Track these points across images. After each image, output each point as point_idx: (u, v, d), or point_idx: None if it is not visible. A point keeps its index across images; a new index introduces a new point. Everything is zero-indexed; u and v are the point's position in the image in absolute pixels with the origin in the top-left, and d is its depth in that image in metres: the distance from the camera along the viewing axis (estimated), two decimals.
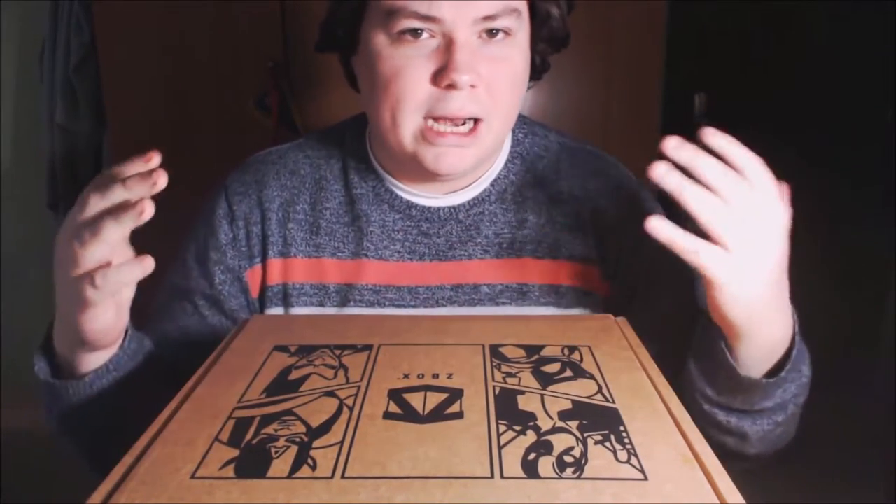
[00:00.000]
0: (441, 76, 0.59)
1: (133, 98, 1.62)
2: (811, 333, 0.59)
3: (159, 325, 0.72)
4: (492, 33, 0.61)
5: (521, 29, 0.63)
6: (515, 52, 0.63)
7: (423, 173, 0.65)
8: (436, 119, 0.61)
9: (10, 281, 2.21)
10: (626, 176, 0.74)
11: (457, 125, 0.62)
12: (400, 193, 0.69)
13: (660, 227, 0.50)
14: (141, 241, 0.51)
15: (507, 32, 0.62)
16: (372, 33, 0.62)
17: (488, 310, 0.69)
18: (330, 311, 0.69)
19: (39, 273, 2.21)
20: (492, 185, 0.70)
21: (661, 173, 0.49)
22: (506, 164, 0.71)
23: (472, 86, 0.60)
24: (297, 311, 0.69)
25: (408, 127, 0.62)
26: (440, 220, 0.69)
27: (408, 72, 0.60)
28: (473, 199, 0.70)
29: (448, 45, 0.59)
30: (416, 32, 0.60)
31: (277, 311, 0.70)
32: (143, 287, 0.52)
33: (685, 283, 0.72)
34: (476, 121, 0.62)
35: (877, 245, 2.09)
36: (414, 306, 0.69)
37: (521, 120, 0.74)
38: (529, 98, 1.43)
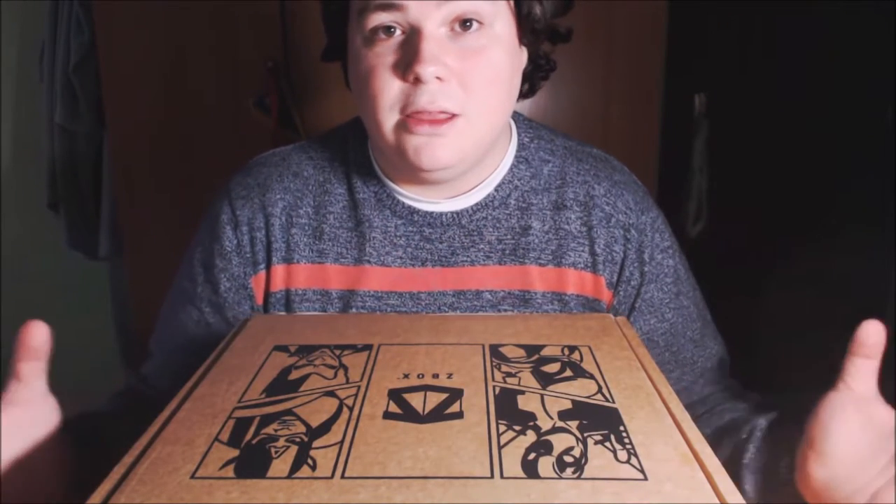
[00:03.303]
0: (408, 70, 0.58)
1: (133, 98, 1.62)
2: (812, 332, 0.59)
3: (166, 330, 0.71)
4: (465, 25, 0.59)
5: (500, 19, 0.60)
6: (492, 44, 0.60)
7: (412, 173, 0.64)
8: (412, 116, 0.59)
9: (10, 281, 2.21)
10: (633, 181, 0.72)
11: (435, 124, 0.59)
12: (402, 199, 0.68)
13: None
14: (145, 240, 0.51)
15: (480, 22, 0.59)
16: (352, 36, 0.62)
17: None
18: None
19: (39, 273, 2.22)
20: (496, 190, 0.69)
21: None
22: (510, 169, 0.69)
23: (440, 78, 0.58)
24: None
25: (387, 126, 0.61)
26: (443, 225, 0.68)
27: (379, 70, 0.59)
28: (477, 204, 0.68)
29: (414, 38, 0.58)
30: (388, 30, 0.59)
31: None
32: (152, 285, 0.52)
33: (686, 299, 0.72)
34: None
35: (877, 244, 2.09)
36: (416, 312, 0.68)
37: (527, 123, 0.73)
38: None
